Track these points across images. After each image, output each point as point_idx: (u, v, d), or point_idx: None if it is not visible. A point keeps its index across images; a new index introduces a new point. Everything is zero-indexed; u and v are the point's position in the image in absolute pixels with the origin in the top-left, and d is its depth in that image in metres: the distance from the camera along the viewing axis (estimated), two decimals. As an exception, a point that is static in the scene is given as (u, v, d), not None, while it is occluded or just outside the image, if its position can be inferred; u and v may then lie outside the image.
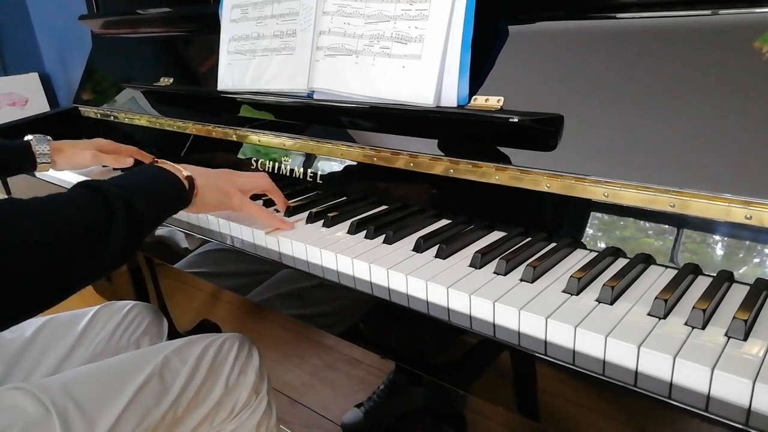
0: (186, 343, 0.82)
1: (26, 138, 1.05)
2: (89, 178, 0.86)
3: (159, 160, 0.72)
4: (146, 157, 1.15)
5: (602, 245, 0.67)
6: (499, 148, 0.74)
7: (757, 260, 0.58)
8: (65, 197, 0.56)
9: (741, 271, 0.58)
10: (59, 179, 1.22)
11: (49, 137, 1.07)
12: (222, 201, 0.76)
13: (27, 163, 1.03)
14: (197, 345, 0.82)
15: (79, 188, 0.58)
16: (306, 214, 0.82)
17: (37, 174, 1.31)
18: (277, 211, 0.84)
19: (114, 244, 0.55)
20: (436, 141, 0.80)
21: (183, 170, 0.71)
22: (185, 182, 0.70)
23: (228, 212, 0.82)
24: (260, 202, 0.86)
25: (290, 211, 0.84)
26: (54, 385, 0.69)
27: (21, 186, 1.38)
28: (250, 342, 0.88)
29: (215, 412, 0.80)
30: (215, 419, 0.80)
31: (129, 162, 1.12)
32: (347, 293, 0.68)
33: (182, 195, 0.70)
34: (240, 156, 1.09)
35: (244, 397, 0.83)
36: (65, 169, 1.12)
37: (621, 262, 0.64)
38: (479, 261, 0.65)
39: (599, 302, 0.56)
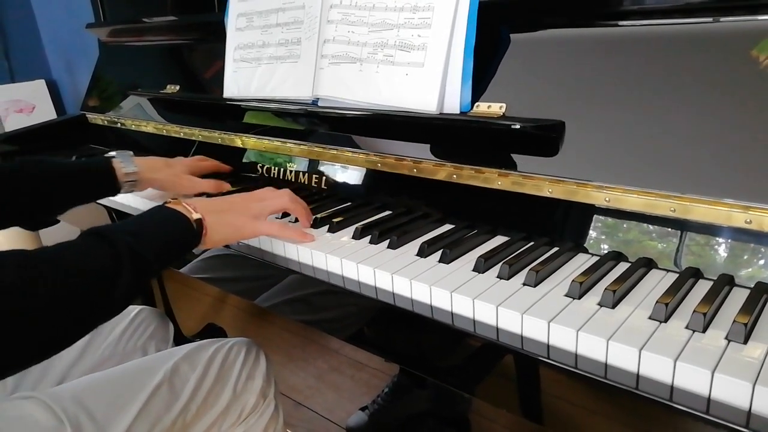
0: (194, 349, 0.83)
1: (108, 155, 0.94)
2: None
3: (173, 200, 0.71)
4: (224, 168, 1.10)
5: (604, 249, 0.68)
6: (501, 154, 0.75)
7: (757, 264, 0.58)
8: (76, 248, 0.58)
9: (741, 275, 0.59)
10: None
11: (131, 153, 0.96)
12: (232, 234, 0.75)
13: (107, 186, 0.93)
14: (205, 351, 0.82)
15: (88, 236, 0.59)
16: (311, 219, 0.83)
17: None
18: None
19: (119, 293, 0.58)
20: (440, 147, 0.81)
21: (193, 211, 0.70)
22: (194, 225, 0.69)
23: None
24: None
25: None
26: (65, 394, 0.69)
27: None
28: (257, 347, 0.89)
29: (223, 418, 0.81)
30: (223, 425, 0.81)
31: (226, 187, 1.02)
32: (352, 298, 0.69)
33: (191, 238, 0.69)
34: (245, 161, 1.11)
35: (251, 402, 0.84)
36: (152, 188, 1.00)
37: (622, 266, 0.65)
38: (482, 265, 0.65)
39: (601, 306, 0.56)
